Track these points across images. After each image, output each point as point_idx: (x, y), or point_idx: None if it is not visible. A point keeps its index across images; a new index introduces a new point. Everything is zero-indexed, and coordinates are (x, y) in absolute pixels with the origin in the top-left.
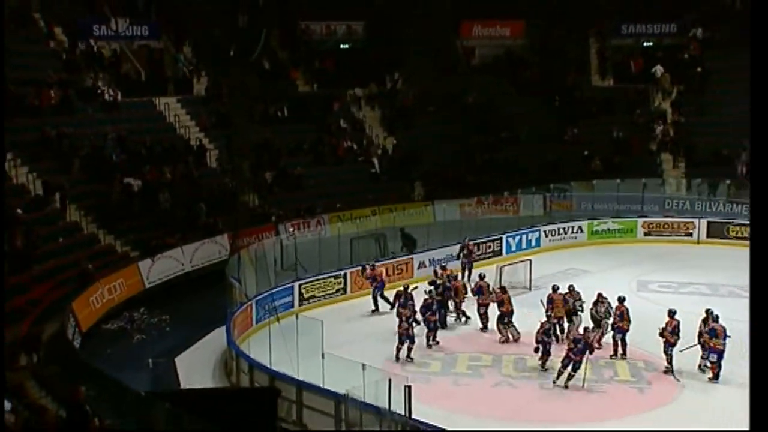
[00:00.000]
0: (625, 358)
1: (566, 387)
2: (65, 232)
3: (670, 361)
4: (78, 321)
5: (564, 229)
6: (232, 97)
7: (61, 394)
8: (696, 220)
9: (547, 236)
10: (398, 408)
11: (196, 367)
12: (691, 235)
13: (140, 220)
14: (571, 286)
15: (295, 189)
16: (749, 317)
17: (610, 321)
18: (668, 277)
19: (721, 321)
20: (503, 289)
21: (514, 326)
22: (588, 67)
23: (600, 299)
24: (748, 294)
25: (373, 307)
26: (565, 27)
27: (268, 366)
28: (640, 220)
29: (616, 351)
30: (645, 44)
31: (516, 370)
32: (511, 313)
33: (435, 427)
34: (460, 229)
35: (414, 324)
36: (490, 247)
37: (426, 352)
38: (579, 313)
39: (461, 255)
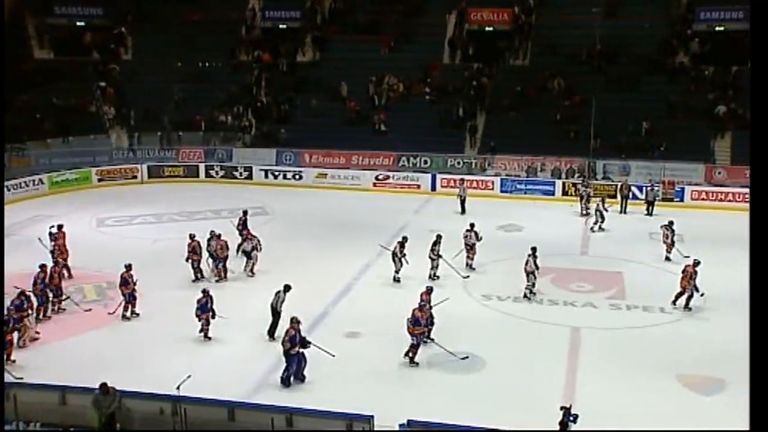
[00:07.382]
0: None
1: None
2: None
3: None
4: None
5: (26, 182)
6: None
7: None
8: (139, 165)
9: (9, 190)
10: None
11: None
12: (135, 177)
13: None
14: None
15: None
16: (749, 316)
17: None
18: (122, 213)
19: None
20: (218, 236)
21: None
22: (29, 43)
23: (249, 236)
24: (181, 218)
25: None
26: None
27: None
28: (94, 169)
29: None
30: (78, 24)
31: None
32: (227, 257)
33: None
34: None
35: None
36: None
37: None
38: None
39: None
